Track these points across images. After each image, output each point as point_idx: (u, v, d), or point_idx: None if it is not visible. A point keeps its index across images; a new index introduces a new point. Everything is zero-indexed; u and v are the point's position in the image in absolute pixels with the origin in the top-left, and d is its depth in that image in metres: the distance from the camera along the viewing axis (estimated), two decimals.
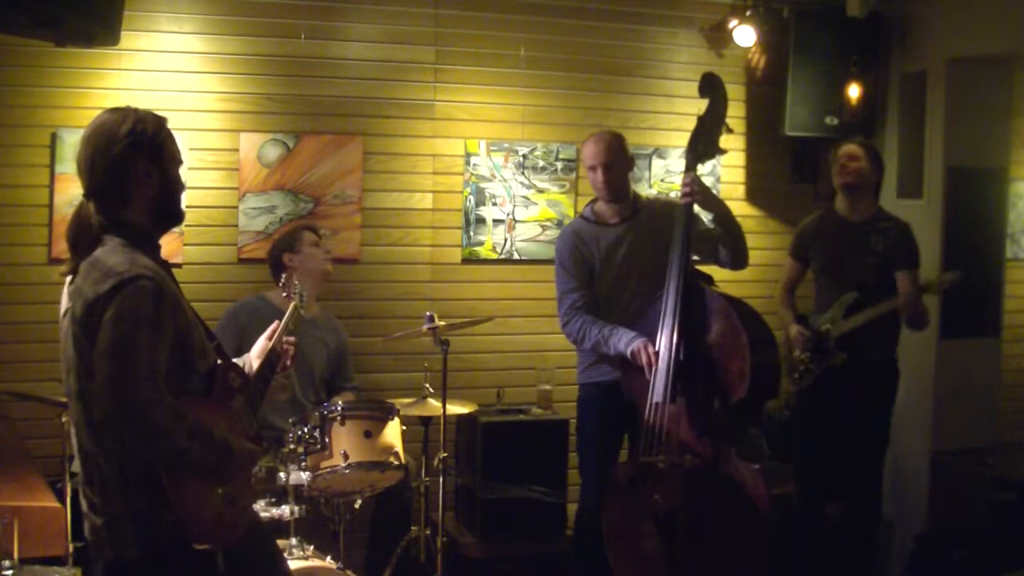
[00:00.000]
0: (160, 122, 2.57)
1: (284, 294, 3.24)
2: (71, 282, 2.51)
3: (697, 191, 4.05)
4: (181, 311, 2.49)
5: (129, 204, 2.52)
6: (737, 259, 4.23)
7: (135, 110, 2.56)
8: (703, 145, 4.10)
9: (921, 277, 4.56)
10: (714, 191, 5.42)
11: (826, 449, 4.66)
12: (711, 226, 4.24)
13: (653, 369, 3.92)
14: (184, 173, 2.70)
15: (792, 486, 4.61)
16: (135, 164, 2.50)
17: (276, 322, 2.99)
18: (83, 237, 2.51)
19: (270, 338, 2.90)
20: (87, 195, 2.54)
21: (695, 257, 4.19)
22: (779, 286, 4.91)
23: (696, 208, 4.12)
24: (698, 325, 3.93)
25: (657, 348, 3.94)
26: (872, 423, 4.62)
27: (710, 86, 4.14)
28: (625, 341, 4.03)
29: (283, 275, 4.48)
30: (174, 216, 2.64)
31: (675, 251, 3.99)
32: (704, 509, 3.84)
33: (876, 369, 4.59)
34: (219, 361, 2.62)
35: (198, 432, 2.41)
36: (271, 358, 2.83)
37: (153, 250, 2.56)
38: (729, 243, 4.19)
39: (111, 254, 2.46)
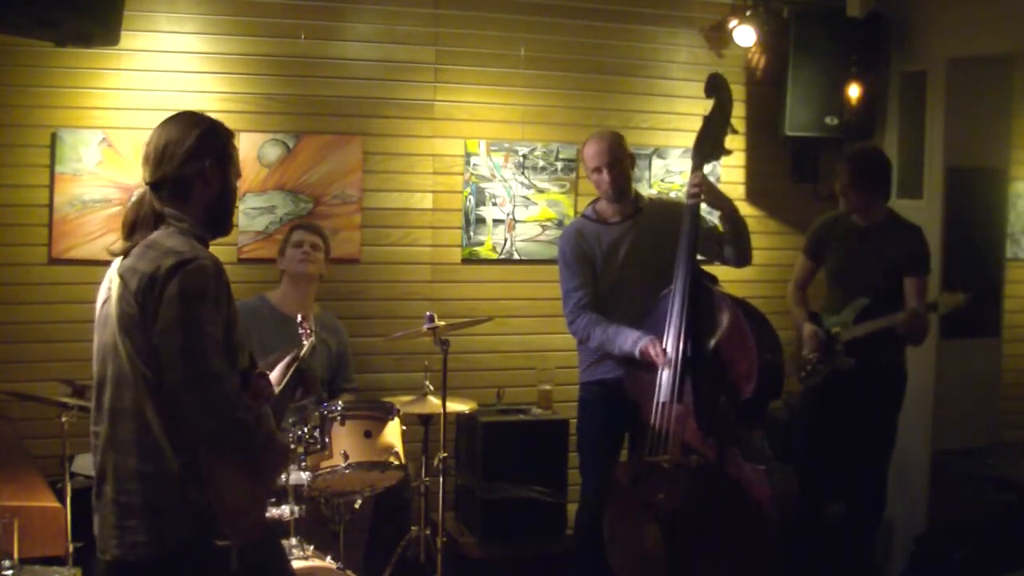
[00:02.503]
0: (231, 133, 2.67)
1: (300, 331, 3.29)
2: (121, 263, 2.53)
3: (705, 189, 4.05)
4: (232, 303, 2.55)
5: (189, 201, 2.58)
6: (741, 257, 4.23)
7: (210, 117, 2.65)
8: (709, 145, 4.10)
9: (928, 294, 4.54)
10: None
11: (830, 449, 4.65)
12: (717, 224, 4.24)
13: (664, 364, 3.91)
14: None
15: (793, 486, 4.60)
16: (204, 162, 2.57)
17: (295, 349, 3.02)
18: (143, 222, 2.55)
19: (289, 366, 2.93)
20: (151, 184, 2.58)
21: (700, 257, 4.19)
22: (790, 283, 4.87)
23: (703, 208, 4.12)
24: (705, 325, 3.93)
25: (664, 347, 3.94)
26: (878, 425, 4.62)
27: (716, 86, 4.14)
28: (631, 341, 4.02)
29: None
30: (225, 225, 2.70)
31: (682, 251, 3.98)
32: (708, 510, 3.84)
33: (884, 371, 4.58)
34: (251, 368, 2.65)
35: (251, 410, 2.47)
36: (294, 381, 2.88)
37: (204, 246, 2.61)
38: (734, 241, 4.19)
39: (170, 237, 2.51)
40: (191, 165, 2.56)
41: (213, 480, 2.42)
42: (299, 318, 3.41)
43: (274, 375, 2.92)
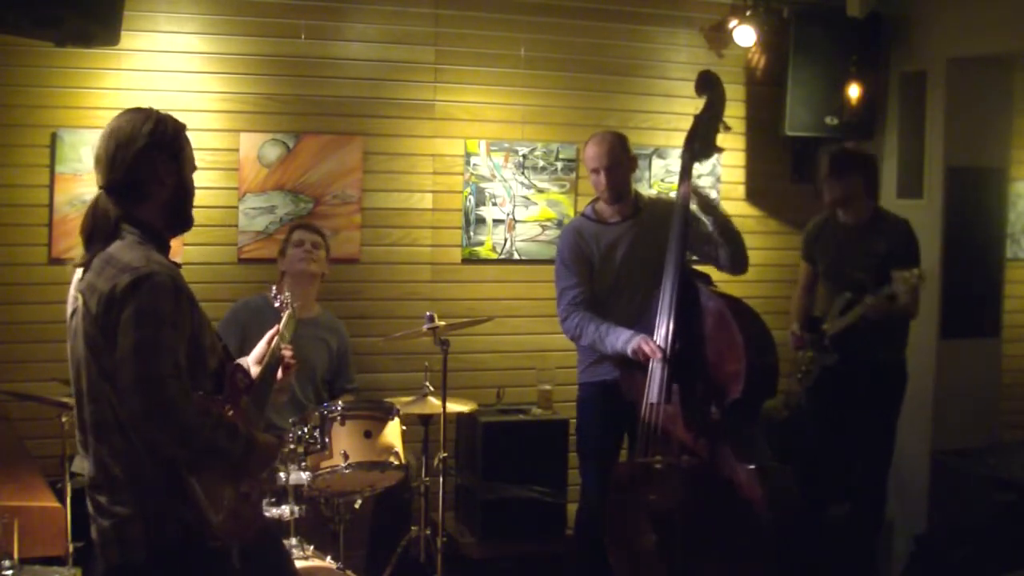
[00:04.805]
0: (180, 126, 2.60)
1: (276, 304, 3.23)
2: (81, 277, 2.49)
3: (697, 200, 4.05)
4: (195, 307, 2.50)
5: (145, 202, 2.53)
6: (736, 264, 4.23)
7: (157, 111, 2.58)
8: (700, 144, 4.09)
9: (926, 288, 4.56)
10: (714, 191, 5.44)
11: (830, 449, 4.65)
12: (711, 229, 4.24)
13: (658, 361, 3.91)
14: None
15: (793, 486, 4.60)
16: (155, 162, 2.52)
17: (276, 326, 2.99)
18: (99, 230, 2.50)
19: (269, 343, 2.90)
20: (105, 188, 2.53)
21: (693, 257, 4.18)
22: (796, 287, 4.94)
23: (696, 208, 4.12)
24: (694, 325, 3.92)
25: (659, 343, 3.94)
26: (877, 426, 4.62)
27: (707, 84, 4.13)
28: (623, 340, 4.02)
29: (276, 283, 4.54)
30: (185, 220, 2.64)
31: (672, 249, 3.98)
32: (701, 509, 3.84)
33: (882, 370, 4.59)
34: (226, 362, 2.62)
35: (222, 425, 2.44)
36: (272, 363, 2.83)
37: (164, 251, 2.56)
38: (728, 248, 4.18)
39: (126, 250, 2.46)
40: (144, 166, 2.50)
41: (195, 488, 2.41)
42: (273, 290, 3.34)
43: (254, 355, 2.90)
